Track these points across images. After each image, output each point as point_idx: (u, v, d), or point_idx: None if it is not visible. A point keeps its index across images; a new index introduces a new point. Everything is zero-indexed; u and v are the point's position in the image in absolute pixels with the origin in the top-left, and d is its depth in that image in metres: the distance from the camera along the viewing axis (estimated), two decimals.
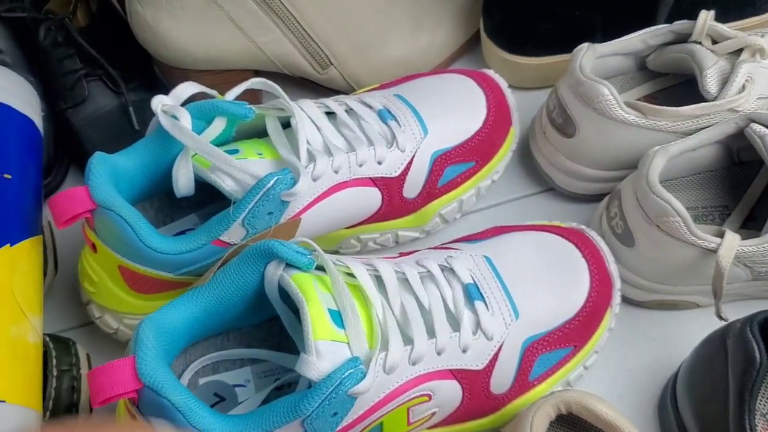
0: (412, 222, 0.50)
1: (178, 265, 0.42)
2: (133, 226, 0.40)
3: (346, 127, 0.46)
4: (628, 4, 0.52)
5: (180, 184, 0.44)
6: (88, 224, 0.43)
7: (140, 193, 0.46)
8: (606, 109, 0.47)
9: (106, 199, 0.40)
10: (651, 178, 0.44)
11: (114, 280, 0.44)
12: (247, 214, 0.41)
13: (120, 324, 0.47)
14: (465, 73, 0.52)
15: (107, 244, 0.42)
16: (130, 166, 0.44)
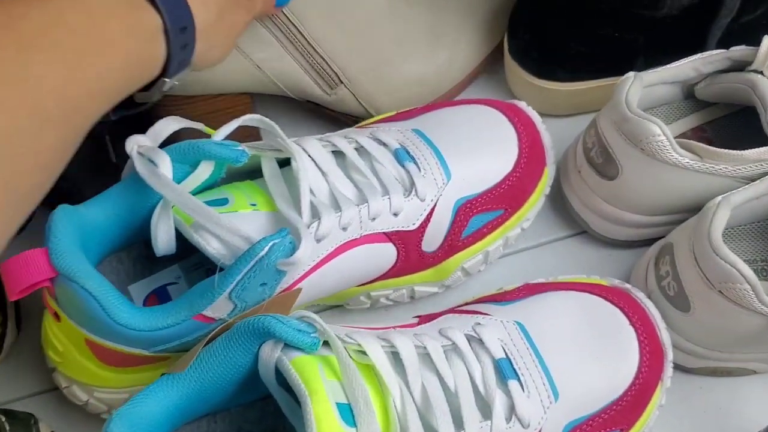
0: (431, 277, 0.45)
1: (153, 342, 0.37)
2: (100, 301, 0.34)
3: (356, 172, 0.41)
4: (676, 25, 0.47)
5: (159, 242, 0.38)
6: (49, 293, 0.37)
7: (114, 245, 0.40)
8: (656, 150, 0.41)
9: (69, 266, 0.35)
10: (714, 237, 0.38)
11: (81, 352, 0.39)
12: (235, 287, 0.36)
13: (90, 397, 0.41)
14: (493, 104, 0.47)
15: (71, 317, 0.37)
16: (102, 217, 0.39)
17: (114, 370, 0.39)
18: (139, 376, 0.40)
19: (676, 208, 0.44)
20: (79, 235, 0.36)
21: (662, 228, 0.46)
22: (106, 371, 0.39)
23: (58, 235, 0.35)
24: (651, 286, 0.43)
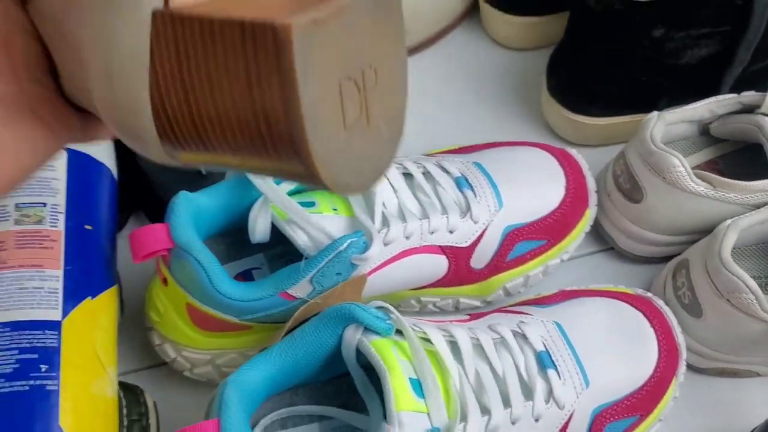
0: (475, 291, 0.50)
1: (244, 311, 0.44)
2: (208, 271, 0.42)
3: (422, 192, 0.47)
4: (695, 72, 0.53)
5: (257, 232, 0.45)
6: (164, 261, 0.44)
7: (216, 230, 0.47)
8: (676, 179, 0.48)
9: (185, 241, 0.42)
10: (724, 254, 0.44)
11: (180, 314, 0.46)
12: (316, 273, 0.42)
13: (178, 355, 0.48)
14: (547, 148, 0.52)
15: (179, 282, 0.44)
16: (211, 205, 0.46)
17: (204, 333, 0.46)
18: (223, 341, 0.46)
19: (692, 229, 0.50)
20: (192, 217, 0.44)
21: (680, 246, 0.51)
22: (197, 333, 0.46)
23: (179, 214, 0.43)
24: (669, 295, 0.49)
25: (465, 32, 0.66)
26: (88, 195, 0.46)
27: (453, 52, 0.65)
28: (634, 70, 0.53)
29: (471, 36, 0.66)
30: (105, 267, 0.45)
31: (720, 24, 0.50)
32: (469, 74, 0.64)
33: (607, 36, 0.52)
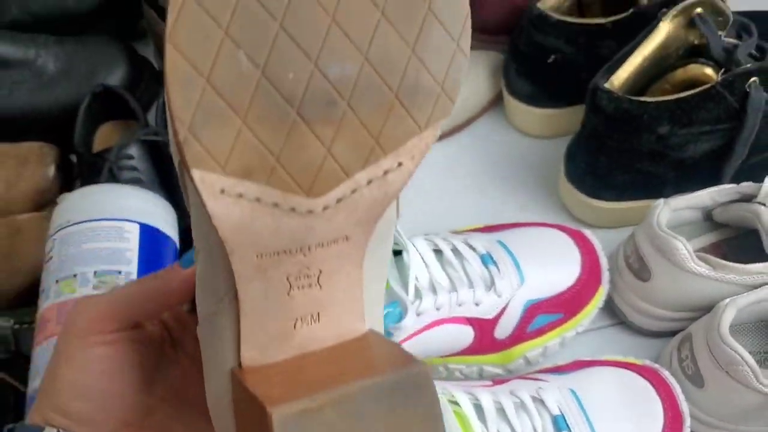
0: (498, 360, 0.55)
1: None
2: None
3: (450, 267, 0.52)
4: (698, 164, 0.59)
5: None
6: None
7: None
8: (680, 261, 0.53)
9: None
10: (722, 330, 0.49)
11: None
12: None
13: None
14: (564, 229, 0.58)
15: None
16: None
17: None
18: None
19: (696, 307, 0.55)
20: None
21: (685, 322, 0.56)
22: None
23: None
24: (674, 366, 0.53)
25: (490, 121, 0.72)
26: (156, 264, 0.52)
27: (479, 139, 0.71)
28: (643, 161, 0.59)
29: (495, 125, 0.72)
30: None
31: (719, 123, 0.55)
32: (493, 159, 0.70)
33: (618, 131, 0.57)
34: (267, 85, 0.24)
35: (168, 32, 0.22)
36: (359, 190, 0.26)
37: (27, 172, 0.64)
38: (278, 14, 0.23)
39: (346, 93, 0.25)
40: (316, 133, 0.24)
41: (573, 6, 0.66)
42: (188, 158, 0.23)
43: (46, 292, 0.50)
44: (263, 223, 0.25)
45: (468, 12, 0.26)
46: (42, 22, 0.71)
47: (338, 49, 0.24)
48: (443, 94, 0.26)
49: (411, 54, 0.25)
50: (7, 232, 0.60)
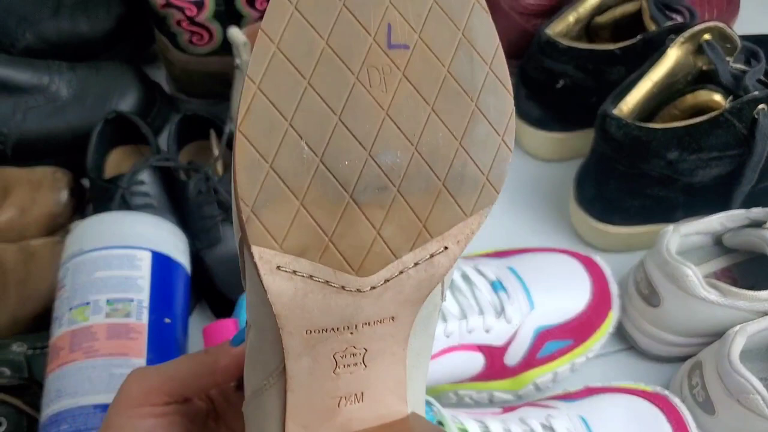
0: (508, 386, 0.55)
1: None
2: None
3: (461, 294, 0.53)
4: (708, 189, 0.59)
5: None
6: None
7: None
8: (689, 287, 0.53)
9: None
10: (732, 358, 0.49)
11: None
12: None
13: None
14: (574, 255, 0.58)
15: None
16: None
17: None
18: None
19: (706, 332, 0.55)
20: None
21: (696, 347, 0.56)
22: None
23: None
24: (685, 393, 0.53)
25: None
26: (167, 292, 0.53)
27: None
28: (652, 186, 0.59)
29: None
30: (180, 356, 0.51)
31: (728, 149, 0.56)
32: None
33: (627, 156, 0.58)
34: (324, 171, 0.26)
35: (239, 122, 0.25)
36: (406, 272, 0.27)
37: (40, 197, 0.65)
38: (337, 108, 0.26)
39: (396, 180, 0.26)
40: (368, 216, 0.26)
41: (582, 31, 0.66)
42: (249, 235, 0.25)
43: (59, 319, 0.51)
44: (314, 299, 0.26)
45: (513, 111, 0.28)
46: (56, 48, 0.72)
47: (390, 140, 0.26)
48: (488, 183, 0.28)
49: (458, 146, 0.27)
50: (22, 257, 0.61)
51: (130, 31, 0.74)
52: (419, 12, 0.27)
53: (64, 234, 0.62)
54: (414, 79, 0.26)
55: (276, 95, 0.25)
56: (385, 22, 0.26)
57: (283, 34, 0.25)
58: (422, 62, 0.27)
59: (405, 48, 0.26)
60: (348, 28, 0.26)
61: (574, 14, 0.65)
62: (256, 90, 0.25)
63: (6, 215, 0.63)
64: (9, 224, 0.63)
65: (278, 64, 0.25)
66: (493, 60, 0.27)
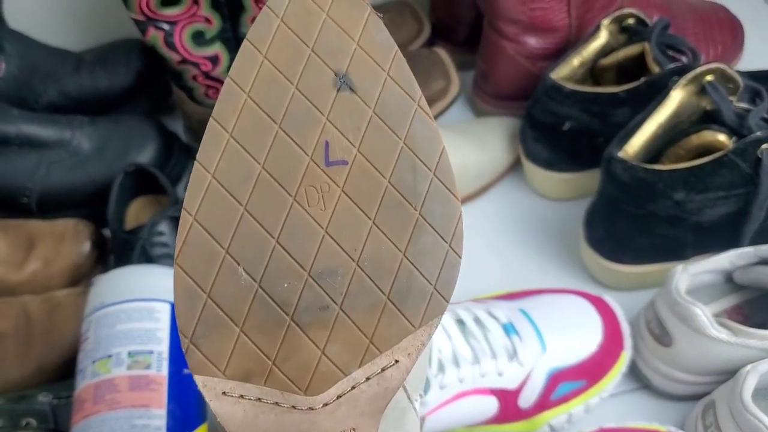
0: (523, 428, 0.55)
1: None
2: None
3: (473, 338, 0.53)
4: (716, 227, 0.59)
5: None
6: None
7: None
8: (699, 327, 0.53)
9: None
10: (745, 399, 0.49)
11: None
12: None
13: None
14: (585, 296, 0.59)
15: None
16: None
17: None
18: None
19: (719, 371, 0.55)
20: None
21: (710, 385, 0.56)
22: None
23: None
24: None
25: (509, 185, 0.74)
26: None
27: (499, 203, 0.73)
28: (661, 226, 0.60)
29: (515, 188, 0.73)
30: (198, 406, 0.53)
31: (733, 188, 0.56)
32: (513, 223, 0.71)
33: (634, 197, 0.58)
34: (263, 296, 0.26)
35: (176, 255, 0.25)
36: (358, 387, 0.27)
37: (64, 249, 0.67)
38: (275, 231, 0.26)
39: (338, 298, 0.26)
40: (311, 336, 0.26)
41: (587, 74, 0.68)
42: (191, 366, 0.26)
43: (83, 372, 0.53)
44: (266, 419, 0.26)
45: (460, 215, 0.27)
46: (77, 103, 0.74)
47: (331, 258, 0.26)
48: (436, 293, 0.27)
49: (402, 258, 0.27)
50: (47, 308, 0.63)
51: (148, 85, 0.77)
52: (358, 125, 0.27)
53: (87, 285, 0.64)
54: (354, 194, 0.26)
55: (212, 224, 0.25)
56: (322, 140, 0.26)
57: (219, 163, 0.26)
58: (362, 176, 0.26)
59: (344, 164, 0.26)
60: (284, 150, 0.26)
61: (579, 58, 0.67)
62: (193, 221, 0.25)
63: (31, 267, 0.65)
64: (34, 276, 0.65)
65: (214, 193, 0.26)
66: (437, 166, 0.27)
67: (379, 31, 0.28)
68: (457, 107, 0.78)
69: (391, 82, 0.28)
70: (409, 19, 0.82)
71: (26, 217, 0.69)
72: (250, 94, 0.27)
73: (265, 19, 0.27)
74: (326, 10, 0.28)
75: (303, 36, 0.27)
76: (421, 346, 0.27)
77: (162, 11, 0.64)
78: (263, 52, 0.27)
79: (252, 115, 0.26)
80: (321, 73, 0.27)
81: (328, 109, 0.27)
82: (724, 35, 0.78)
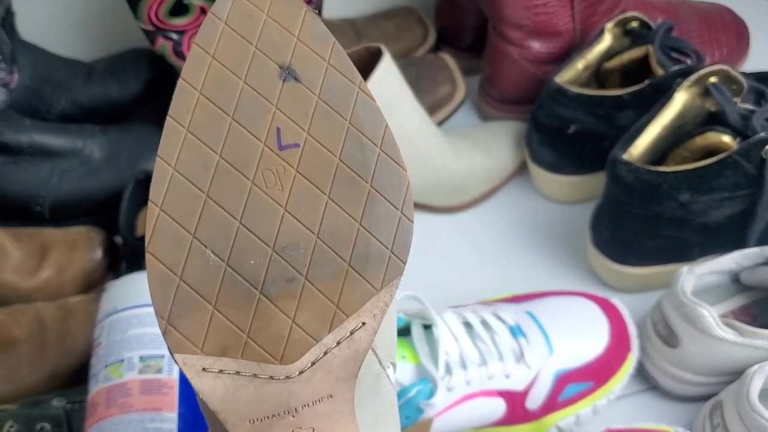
0: (530, 430, 0.55)
1: None
2: None
3: (480, 340, 0.54)
4: (722, 228, 0.59)
5: None
6: None
7: None
8: (706, 328, 0.53)
9: None
10: (752, 399, 0.49)
11: None
12: None
13: None
14: (591, 297, 0.59)
15: None
16: None
17: None
18: None
19: (726, 371, 0.55)
20: None
21: (717, 386, 0.56)
22: None
23: None
24: None
25: (515, 189, 0.74)
26: None
27: (505, 207, 0.73)
28: (667, 227, 0.60)
29: (520, 192, 0.74)
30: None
31: (738, 189, 0.57)
32: (520, 227, 0.72)
33: (639, 200, 0.59)
34: (232, 274, 0.28)
35: (147, 243, 0.27)
36: (330, 352, 0.28)
37: (77, 257, 0.68)
38: (237, 213, 0.28)
39: (303, 269, 0.28)
40: (280, 307, 0.28)
41: (591, 77, 0.68)
42: (170, 345, 0.27)
43: (95, 376, 0.53)
44: (247, 392, 0.28)
45: (408, 184, 0.29)
46: (89, 112, 0.75)
47: (292, 233, 0.28)
48: (393, 256, 0.29)
49: (359, 227, 0.29)
50: (61, 314, 0.63)
51: (157, 93, 0.78)
52: (305, 110, 0.29)
53: (100, 291, 0.65)
54: (308, 173, 0.28)
55: (178, 212, 0.27)
56: (273, 127, 0.29)
57: (179, 156, 0.28)
58: (314, 156, 0.29)
59: (296, 147, 0.29)
60: (239, 139, 0.28)
61: (583, 61, 0.67)
62: (159, 211, 0.27)
63: (45, 274, 0.66)
64: (47, 283, 0.66)
65: (177, 183, 0.28)
66: (382, 141, 0.29)
67: (317, 25, 0.31)
68: (462, 112, 0.79)
69: (333, 69, 0.30)
70: (415, 26, 0.83)
71: (39, 225, 0.70)
72: (202, 91, 0.29)
73: (210, 23, 0.30)
74: (266, 10, 0.30)
75: (246, 35, 0.30)
76: (384, 307, 0.29)
77: (170, 21, 0.65)
78: (211, 53, 0.29)
79: (205, 110, 0.29)
80: (266, 66, 0.30)
81: (276, 98, 0.29)
82: (729, 37, 0.79)
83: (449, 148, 0.68)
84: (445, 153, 0.67)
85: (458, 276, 0.68)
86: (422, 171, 0.67)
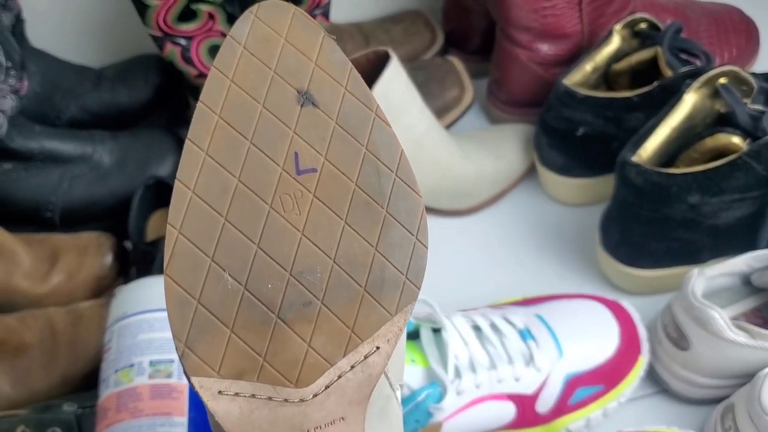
0: None
1: None
2: None
3: (489, 344, 0.54)
4: (732, 230, 0.59)
5: None
6: None
7: None
8: (716, 330, 0.53)
9: None
10: (763, 402, 0.49)
11: None
12: None
13: None
14: (601, 300, 0.59)
15: None
16: None
17: None
18: None
19: (738, 374, 0.55)
20: None
21: (729, 389, 0.56)
22: None
23: None
24: None
25: (524, 191, 0.74)
26: None
27: (514, 210, 0.73)
28: (677, 230, 0.60)
29: (530, 195, 0.74)
30: None
31: (748, 190, 0.56)
32: (529, 229, 0.71)
33: (649, 202, 0.58)
34: (250, 297, 0.28)
35: (165, 266, 0.27)
36: (344, 376, 0.28)
37: (87, 262, 0.68)
38: (255, 237, 0.28)
39: (319, 294, 0.28)
40: (296, 331, 0.28)
41: (600, 79, 0.68)
42: (187, 368, 0.27)
43: (106, 381, 0.54)
44: (261, 414, 0.28)
45: (423, 210, 0.30)
46: (98, 118, 0.76)
47: (309, 257, 0.28)
48: (408, 282, 0.29)
49: (374, 252, 0.29)
50: (71, 319, 0.64)
51: (166, 99, 0.78)
52: (323, 136, 0.29)
53: (110, 296, 0.65)
54: (325, 198, 0.29)
55: (196, 236, 0.28)
56: (291, 151, 0.29)
57: (198, 179, 0.28)
58: (331, 181, 0.29)
59: (313, 171, 0.29)
60: (257, 163, 0.29)
61: (591, 63, 0.67)
62: (178, 234, 0.27)
63: (55, 280, 0.67)
64: (58, 288, 0.67)
65: (196, 207, 0.28)
66: (398, 167, 0.30)
67: (334, 51, 0.31)
68: (471, 115, 0.79)
69: (350, 95, 0.30)
70: (423, 29, 0.83)
71: (50, 231, 0.70)
72: (221, 115, 0.29)
73: (229, 47, 0.30)
74: (284, 35, 0.31)
75: (265, 60, 0.30)
76: (398, 332, 0.29)
77: (179, 27, 0.65)
78: (230, 76, 0.30)
79: (224, 134, 0.29)
80: (284, 91, 0.30)
81: (294, 123, 0.30)
82: (739, 38, 0.78)
83: (458, 151, 0.68)
84: (454, 156, 0.67)
85: (467, 279, 0.68)
86: (431, 174, 0.67)
